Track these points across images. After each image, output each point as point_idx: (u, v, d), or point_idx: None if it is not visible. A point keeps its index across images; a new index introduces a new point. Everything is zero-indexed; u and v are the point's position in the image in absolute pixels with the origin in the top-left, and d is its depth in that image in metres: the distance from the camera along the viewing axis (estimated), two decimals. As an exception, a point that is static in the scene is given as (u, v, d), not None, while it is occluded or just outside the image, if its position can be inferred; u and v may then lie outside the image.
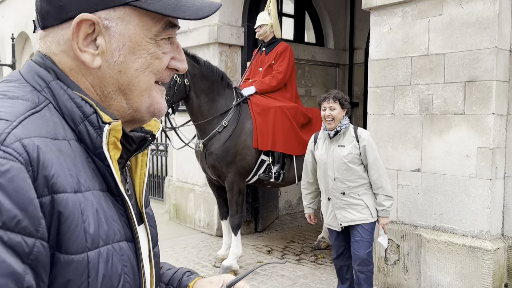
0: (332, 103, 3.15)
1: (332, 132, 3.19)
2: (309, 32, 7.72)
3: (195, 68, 4.05)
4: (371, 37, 3.91)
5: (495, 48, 3.16)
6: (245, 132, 4.24)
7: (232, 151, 4.16)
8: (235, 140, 4.18)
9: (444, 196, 3.47)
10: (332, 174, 3.21)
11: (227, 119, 4.19)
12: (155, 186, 7.76)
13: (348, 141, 3.17)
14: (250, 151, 4.25)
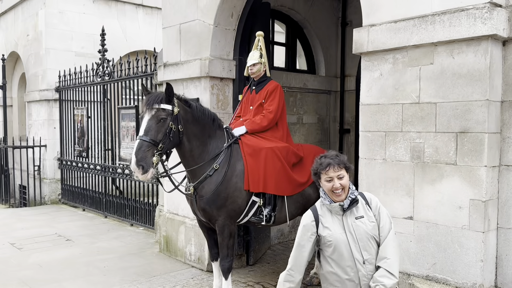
0: (338, 170, 2.62)
1: (345, 202, 2.63)
2: (301, 60, 7.72)
3: (188, 112, 4.01)
4: (362, 81, 3.90)
5: (487, 100, 3.15)
6: (236, 174, 4.19)
7: (223, 194, 4.10)
8: (226, 183, 4.13)
9: (436, 245, 3.44)
10: (360, 257, 2.60)
11: (218, 161, 4.14)
12: (146, 214, 7.67)
13: (362, 209, 2.68)
14: (241, 194, 4.20)
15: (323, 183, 2.67)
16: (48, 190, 10.31)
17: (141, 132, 3.79)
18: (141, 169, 3.69)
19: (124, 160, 8.03)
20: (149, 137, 3.75)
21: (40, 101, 10.45)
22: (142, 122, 3.87)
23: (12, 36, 11.82)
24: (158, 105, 3.82)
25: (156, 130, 3.79)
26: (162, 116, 3.84)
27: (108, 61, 8.53)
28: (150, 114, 3.82)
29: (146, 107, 3.84)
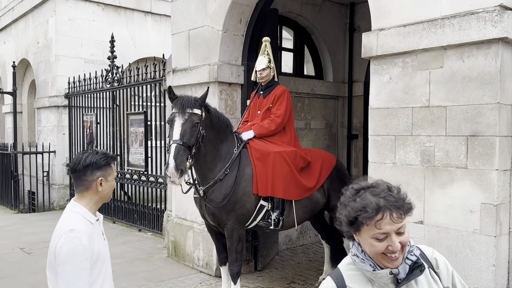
0: (399, 221, 1.52)
1: (401, 269, 1.58)
2: (308, 65, 7.74)
3: (207, 118, 4.03)
4: (371, 86, 3.90)
5: (498, 103, 3.13)
6: (245, 178, 4.20)
7: (232, 198, 4.11)
8: (235, 187, 4.13)
9: (447, 250, 3.41)
10: None
11: (228, 166, 4.15)
12: (154, 219, 7.68)
13: (425, 280, 1.63)
14: (250, 198, 4.20)
15: (368, 240, 1.54)
16: (56, 195, 10.36)
17: (176, 136, 3.77)
18: (179, 173, 3.69)
19: (133, 165, 8.06)
20: (184, 142, 3.76)
21: (49, 108, 10.54)
22: (173, 125, 3.83)
23: (23, 44, 11.97)
24: (191, 109, 3.84)
25: (190, 135, 3.81)
26: (196, 121, 3.86)
27: (117, 68, 8.60)
28: (184, 118, 3.81)
29: (179, 111, 3.83)
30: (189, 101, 3.87)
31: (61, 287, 1.97)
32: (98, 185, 2.12)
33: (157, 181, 7.59)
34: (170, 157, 3.71)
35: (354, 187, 1.63)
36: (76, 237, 1.98)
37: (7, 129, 13.30)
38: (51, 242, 2.03)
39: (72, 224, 2.03)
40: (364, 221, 1.53)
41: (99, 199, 2.18)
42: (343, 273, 1.67)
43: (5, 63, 13.12)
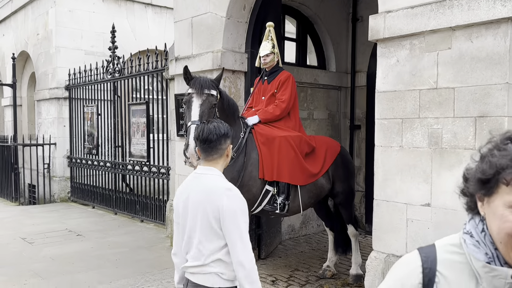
0: None
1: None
2: (311, 56, 7.71)
3: (220, 100, 3.99)
4: (378, 69, 3.88)
5: (507, 84, 3.12)
6: (251, 163, 4.18)
7: (239, 183, 4.08)
8: (242, 171, 4.11)
9: (455, 232, 3.39)
10: None
11: (235, 150, 4.12)
12: (156, 210, 7.66)
13: None
14: (256, 183, 4.18)
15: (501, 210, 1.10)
16: (57, 188, 10.33)
17: (195, 117, 3.71)
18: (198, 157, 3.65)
19: (134, 156, 8.04)
20: (203, 122, 3.71)
21: (50, 100, 10.50)
22: (191, 106, 3.77)
23: (22, 36, 11.90)
24: (208, 90, 3.80)
25: (208, 115, 3.77)
26: (213, 102, 3.82)
27: (118, 58, 8.57)
28: (202, 99, 3.76)
29: (196, 91, 3.77)
30: (206, 81, 3.82)
31: (232, 240, 2.13)
32: (229, 152, 2.36)
33: (159, 171, 7.57)
34: (190, 138, 3.63)
35: (507, 135, 1.15)
36: (238, 195, 2.23)
37: (7, 122, 13.25)
38: (205, 203, 2.18)
39: (227, 184, 2.26)
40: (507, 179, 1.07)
41: (225, 165, 2.40)
42: (438, 253, 1.23)
43: (4, 55, 13.06)
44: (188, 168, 5.98)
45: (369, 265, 3.94)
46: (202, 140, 2.27)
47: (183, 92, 6.05)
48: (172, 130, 6.74)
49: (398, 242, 3.76)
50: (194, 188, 2.25)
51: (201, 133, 2.28)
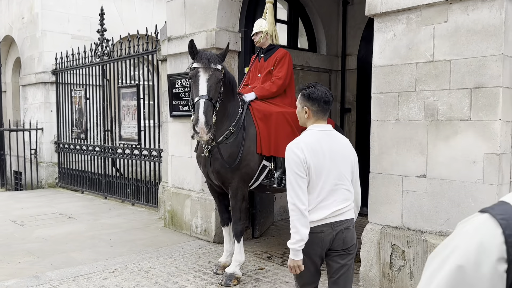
0: None
1: None
2: (302, 39, 7.75)
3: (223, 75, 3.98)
4: (375, 44, 3.93)
5: (502, 55, 3.20)
6: (249, 138, 4.21)
7: (239, 158, 4.11)
8: (241, 147, 4.14)
9: (450, 201, 3.49)
10: None
11: (234, 125, 4.14)
12: (148, 193, 7.65)
13: None
14: (254, 157, 4.21)
15: None
16: (45, 173, 10.22)
17: (203, 92, 3.70)
18: (209, 129, 3.61)
19: (125, 139, 7.99)
20: (211, 97, 3.71)
21: (36, 84, 10.33)
22: (198, 80, 3.76)
23: (6, 20, 11.65)
24: (215, 65, 3.79)
25: (215, 90, 3.77)
26: (220, 77, 3.83)
27: (107, 41, 8.47)
28: (208, 74, 3.75)
29: (203, 65, 3.76)
30: (212, 56, 3.81)
31: (357, 179, 2.72)
32: None
33: (151, 154, 7.55)
34: (200, 113, 3.60)
35: None
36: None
37: (-9, 108, 13.00)
38: (348, 153, 2.63)
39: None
40: None
41: None
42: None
43: (-12, 40, 12.77)
44: (182, 149, 6.01)
45: (365, 237, 4.02)
46: (327, 102, 2.63)
47: (176, 72, 6.05)
48: (164, 111, 6.71)
49: (393, 213, 3.85)
50: (334, 142, 2.60)
51: (325, 96, 2.62)
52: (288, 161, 2.48)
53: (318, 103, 2.61)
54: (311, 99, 2.63)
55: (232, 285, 4.07)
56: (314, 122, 2.64)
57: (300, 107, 2.69)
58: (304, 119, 2.69)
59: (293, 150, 2.50)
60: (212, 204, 5.52)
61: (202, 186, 5.71)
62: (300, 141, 2.54)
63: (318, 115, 2.63)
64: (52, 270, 4.52)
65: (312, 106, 2.62)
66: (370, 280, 3.97)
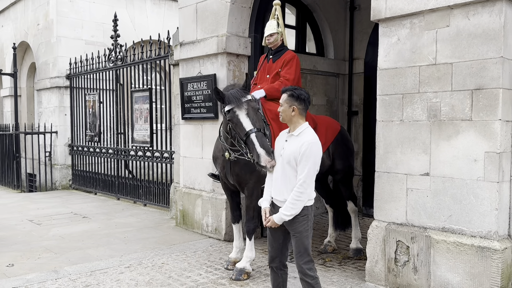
0: None
1: None
2: (310, 43, 7.92)
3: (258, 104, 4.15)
4: (380, 47, 4.09)
5: (501, 57, 3.34)
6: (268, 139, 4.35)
7: None
8: None
9: (452, 198, 3.63)
10: None
11: None
12: (159, 193, 7.85)
13: None
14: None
15: None
16: (59, 175, 10.47)
17: (251, 126, 3.76)
18: (272, 157, 3.52)
19: (137, 142, 8.21)
20: (258, 128, 3.79)
21: (51, 89, 10.61)
22: (239, 119, 3.82)
23: (22, 26, 11.98)
24: (245, 98, 3.91)
25: (258, 119, 3.90)
26: (256, 106, 3.98)
27: (121, 46, 8.71)
28: (244, 108, 3.85)
29: (235, 104, 3.84)
30: (237, 92, 3.91)
31: None
32: None
33: (163, 156, 7.75)
34: (258, 148, 3.60)
35: None
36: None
37: (6, 112, 13.33)
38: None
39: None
40: None
41: None
42: None
43: (3, 46, 13.13)
44: (194, 150, 6.20)
45: (370, 234, 4.16)
46: (309, 102, 3.11)
47: (187, 76, 6.25)
48: (176, 114, 6.91)
49: (398, 210, 3.99)
50: None
51: (309, 97, 3.11)
52: (315, 154, 2.97)
53: (305, 103, 3.10)
54: (300, 99, 3.08)
55: (242, 279, 4.23)
56: (301, 119, 3.11)
57: (287, 106, 3.09)
58: (290, 116, 3.10)
59: (319, 146, 3.02)
60: (222, 204, 5.69)
61: (213, 186, 5.89)
62: (316, 137, 3.04)
63: (303, 113, 3.12)
64: (70, 265, 4.72)
65: (299, 105, 3.08)
66: (376, 275, 4.11)
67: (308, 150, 2.95)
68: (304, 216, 3.05)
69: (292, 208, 2.99)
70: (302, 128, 3.09)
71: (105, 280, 4.26)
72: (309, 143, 2.97)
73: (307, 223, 3.07)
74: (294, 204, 2.99)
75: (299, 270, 3.14)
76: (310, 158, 2.95)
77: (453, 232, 3.63)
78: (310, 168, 2.96)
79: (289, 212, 3.01)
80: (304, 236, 3.08)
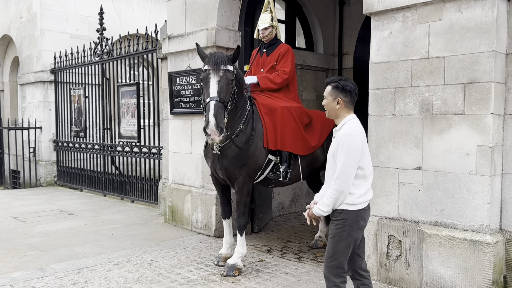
0: None
1: None
2: (300, 38, 7.88)
3: (236, 75, 4.06)
4: (372, 41, 4.06)
5: (494, 51, 3.34)
6: (257, 134, 4.29)
7: (246, 154, 4.20)
8: (250, 142, 4.22)
9: (444, 193, 3.63)
10: None
11: (243, 122, 4.20)
12: (147, 190, 7.74)
13: None
14: (261, 153, 4.31)
15: None
16: (43, 172, 10.28)
17: (214, 93, 3.74)
18: (220, 131, 3.62)
19: (125, 137, 8.08)
20: (222, 98, 3.75)
21: (35, 83, 10.40)
22: (208, 82, 3.81)
23: (4, 19, 11.70)
24: (225, 66, 3.84)
25: (226, 91, 3.82)
26: (231, 78, 3.87)
27: (107, 40, 8.56)
28: (219, 75, 3.80)
29: (213, 68, 3.81)
30: (222, 57, 3.86)
31: None
32: None
33: (150, 151, 7.64)
34: (210, 115, 3.65)
35: None
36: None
37: (-12, 107, 13.04)
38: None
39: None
40: None
41: None
42: None
43: (-15, 40, 12.81)
44: (183, 145, 6.12)
45: (362, 229, 4.14)
46: (357, 93, 2.86)
47: (176, 70, 6.16)
48: (164, 109, 6.81)
49: (390, 205, 3.98)
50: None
51: (356, 88, 2.86)
52: (348, 148, 2.70)
53: (351, 94, 2.84)
54: (345, 91, 2.83)
55: (234, 275, 4.18)
56: (347, 112, 2.86)
57: (332, 98, 2.86)
58: (335, 110, 2.86)
59: (353, 138, 2.73)
60: (212, 199, 5.63)
61: (203, 182, 5.82)
62: (356, 129, 2.79)
63: (349, 106, 2.86)
64: (56, 263, 4.61)
65: (345, 97, 2.83)
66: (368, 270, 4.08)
67: (342, 144, 2.72)
68: (341, 220, 2.76)
69: (327, 205, 2.75)
70: (345, 121, 2.83)
71: (93, 278, 4.17)
72: (342, 135, 2.74)
73: (342, 228, 2.75)
74: (328, 200, 2.74)
75: (323, 273, 2.89)
76: (343, 152, 2.70)
77: (446, 226, 3.63)
78: (344, 163, 2.68)
79: (322, 207, 2.77)
80: (336, 241, 2.78)
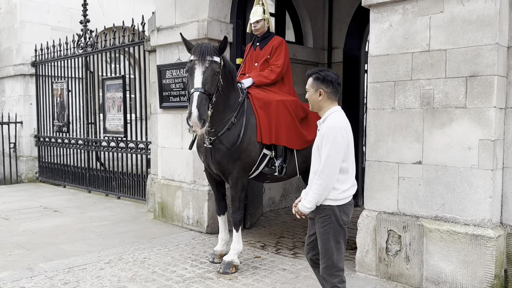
0: None
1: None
2: (289, 31, 7.79)
3: (224, 66, 3.96)
4: (371, 34, 4.00)
5: (496, 44, 3.31)
6: (250, 127, 4.21)
7: (239, 148, 4.11)
8: (242, 137, 4.14)
9: (445, 187, 3.60)
10: None
11: (235, 115, 4.13)
12: (134, 185, 7.57)
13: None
14: (255, 147, 4.22)
15: None
16: (24, 168, 9.98)
17: (198, 84, 3.67)
18: (202, 123, 3.56)
19: (110, 132, 7.88)
20: (206, 90, 3.67)
21: (14, 76, 10.06)
22: (193, 73, 3.74)
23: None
24: (211, 57, 3.75)
25: (211, 83, 3.73)
26: (216, 69, 3.78)
27: (91, 32, 8.32)
28: (204, 66, 3.72)
29: (199, 58, 3.73)
30: (208, 48, 3.77)
31: None
32: None
33: (137, 147, 7.47)
34: (193, 106, 3.58)
35: None
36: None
37: (-35, 102, 12.59)
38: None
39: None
40: None
41: None
42: None
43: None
44: (173, 140, 5.98)
45: (361, 223, 4.10)
46: (339, 83, 2.75)
47: (166, 63, 6.01)
48: (153, 103, 6.65)
49: (389, 199, 3.94)
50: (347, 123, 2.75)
51: (337, 78, 2.75)
52: (332, 141, 2.58)
53: (333, 85, 2.72)
54: (326, 81, 2.71)
55: (230, 272, 4.09)
56: (331, 104, 2.74)
57: (313, 90, 2.73)
58: (318, 102, 2.73)
59: (338, 130, 2.61)
60: (204, 195, 5.52)
61: (194, 177, 5.70)
62: (341, 121, 2.66)
63: (332, 97, 2.73)
64: (45, 262, 4.45)
65: (327, 88, 2.71)
66: (366, 265, 4.05)
67: (326, 136, 2.60)
68: (325, 217, 2.69)
69: (310, 201, 2.67)
70: (329, 112, 2.71)
71: (85, 277, 4.02)
72: (327, 127, 2.61)
73: (328, 225, 2.69)
74: (312, 197, 2.66)
75: (320, 274, 2.82)
76: (327, 145, 2.58)
77: (447, 221, 3.60)
78: (329, 156, 2.58)
79: (307, 204, 2.69)
80: (324, 240, 2.71)
